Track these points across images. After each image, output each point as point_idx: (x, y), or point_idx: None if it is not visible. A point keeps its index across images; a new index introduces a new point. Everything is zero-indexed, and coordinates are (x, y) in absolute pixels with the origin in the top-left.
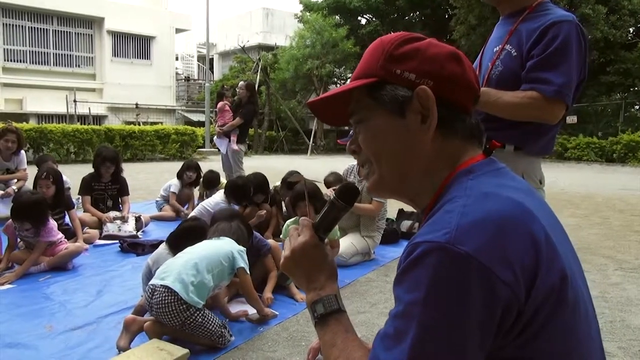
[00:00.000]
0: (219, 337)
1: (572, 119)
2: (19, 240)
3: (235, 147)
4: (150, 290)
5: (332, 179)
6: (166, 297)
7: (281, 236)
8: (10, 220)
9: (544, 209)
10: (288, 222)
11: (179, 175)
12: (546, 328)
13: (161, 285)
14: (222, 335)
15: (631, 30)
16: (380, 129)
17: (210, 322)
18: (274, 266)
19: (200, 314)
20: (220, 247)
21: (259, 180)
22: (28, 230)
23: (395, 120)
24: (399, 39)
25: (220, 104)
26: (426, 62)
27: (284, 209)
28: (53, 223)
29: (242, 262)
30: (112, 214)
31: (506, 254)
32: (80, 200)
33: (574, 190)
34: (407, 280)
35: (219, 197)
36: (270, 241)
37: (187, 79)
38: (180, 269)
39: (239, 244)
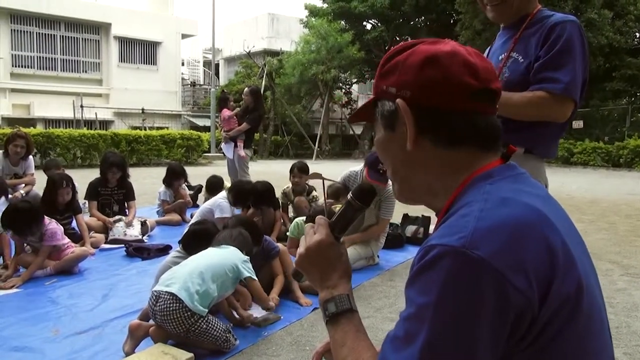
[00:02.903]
0: (224, 342)
1: (578, 124)
2: (25, 245)
3: (242, 153)
4: (154, 297)
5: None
6: (171, 305)
7: (288, 233)
8: None
9: (562, 216)
10: (297, 219)
11: (168, 183)
12: (560, 337)
13: (166, 292)
14: (227, 339)
15: (637, 35)
16: (379, 143)
17: (214, 328)
18: (281, 270)
19: (204, 321)
20: (226, 257)
21: (265, 188)
22: (33, 235)
23: (388, 133)
24: (389, 53)
25: (225, 113)
26: (403, 73)
27: (291, 213)
28: (58, 227)
29: (247, 272)
30: (117, 218)
31: (521, 261)
32: (86, 205)
33: (580, 195)
34: (419, 282)
35: (220, 195)
36: (279, 245)
37: (193, 84)
38: (186, 277)
39: (242, 250)
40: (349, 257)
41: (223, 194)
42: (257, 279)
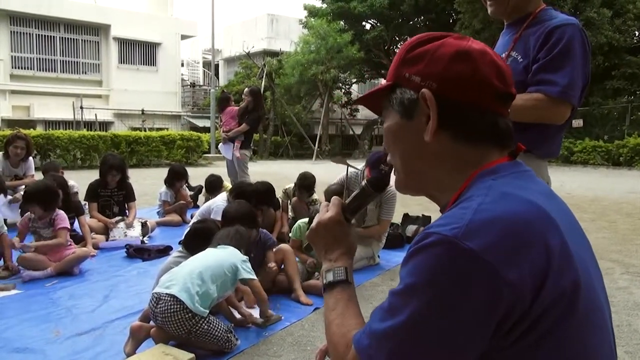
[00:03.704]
0: (226, 342)
1: (578, 123)
2: (30, 240)
3: (237, 153)
4: (155, 299)
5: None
6: (172, 306)
7: (290, 234)
8: (27, 213)
9: (565, 214)
10: (299, 222)
11: (170, 184)
12: (555, 334)
13: (167, 294)
14: (229, 340)
15: (637, 33)
16: (392, 130)
17: (216, 329)
18: (272, 259)
19: (205, 322)
20: (225, 258)
21: (265, 188)
22: (41, 220)
23: (404, 123)
24: (414, 41)
25: (231, 110)
26: (432, 64)
27: (290, 213)
28: (65, 216)
29: (247, 274)
30: (119, 219)
31: (514, 255)
32: (87, 207)
33: (580, 193)
34: (410, 264)
35: (220, 198)
36: (284, 245)
37: (193, 85)
38: (185, 279)
39: (239, 247)
40: None
41: (223, 195)
42: (257, 278)
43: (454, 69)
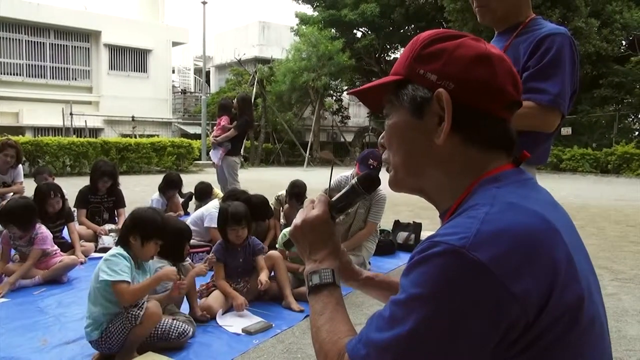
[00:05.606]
0: (137, 311)
1: (566, 131)
2: (13, 253)
3: (217, 161)
4: None
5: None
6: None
7: (277, 245)
8: (5, 230)
9: (568, 224)
10: (284, 230)
11: (164, 191)
12: (556, 347)
13: None
14: (137, 304)
15: (623, 43)
16: (398, 127)
17: (115, 327)
18: (264, 266)
19: (106, 332)
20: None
21: (259, 202)
22: (21, 239)
23: (413, 120)
24: (430, 37)
25: (226, 120)
26: (450, 63)
27: (282, 220)
28: (48, 233)
29: (105, 275)
30: (108, 226)
31: (521, 268)
32: (76, 213)
33: (569, 201)
34: (415, 273)
35: (212, 205)
36: (274, 252)
37: (184, 91)
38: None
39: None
40: None
41: (215, 203)
42: (125, 283)
43: (473, 72)
